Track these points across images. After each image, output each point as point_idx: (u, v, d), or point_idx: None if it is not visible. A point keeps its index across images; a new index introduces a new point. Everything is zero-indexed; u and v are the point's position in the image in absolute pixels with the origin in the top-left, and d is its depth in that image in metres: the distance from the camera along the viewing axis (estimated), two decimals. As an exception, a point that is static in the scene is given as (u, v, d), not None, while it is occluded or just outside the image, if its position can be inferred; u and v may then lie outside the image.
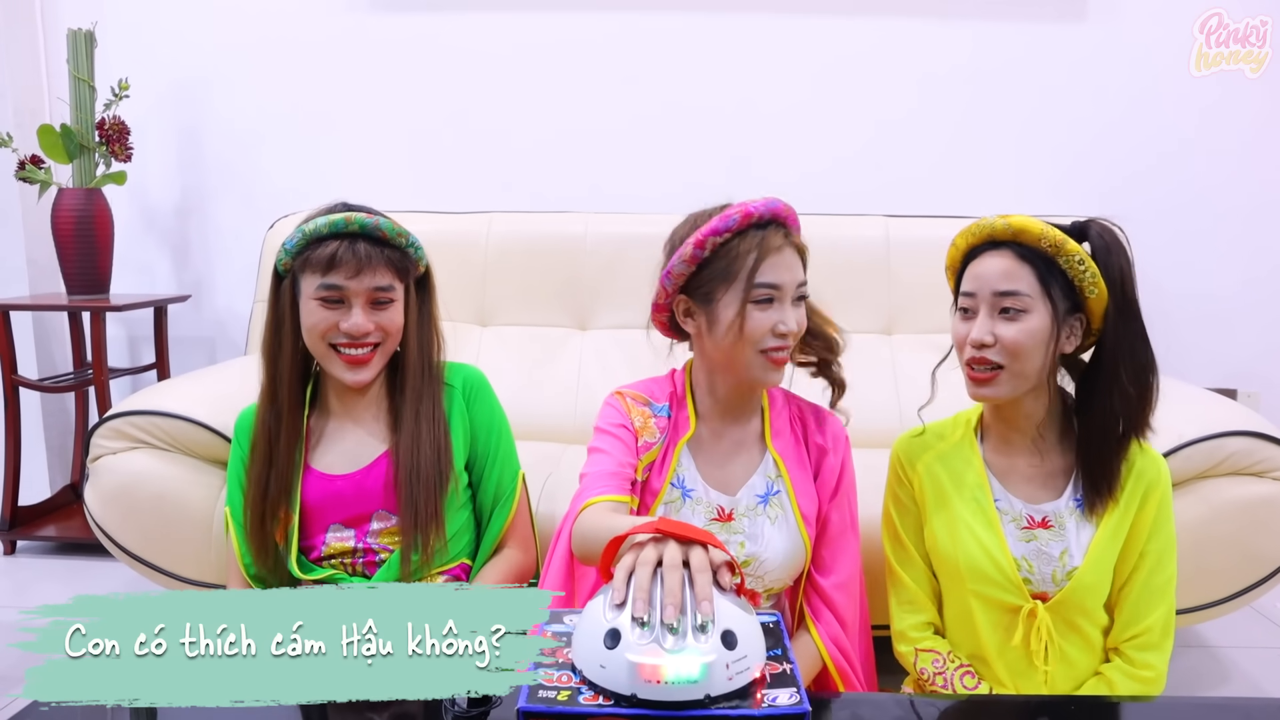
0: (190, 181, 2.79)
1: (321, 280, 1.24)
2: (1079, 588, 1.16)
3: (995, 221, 1.15)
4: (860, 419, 2.12)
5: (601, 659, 0.78)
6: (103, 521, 1.75)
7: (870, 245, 2.33)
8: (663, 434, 1.26)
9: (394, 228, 1.27)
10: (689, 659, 0.74)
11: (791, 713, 0.74)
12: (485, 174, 2.70)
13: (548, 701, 0.77)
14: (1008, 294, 1.13)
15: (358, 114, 2.71)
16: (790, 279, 1.18)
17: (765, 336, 1.17)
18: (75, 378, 2.64)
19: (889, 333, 2.32)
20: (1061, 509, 1.19)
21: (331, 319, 1.25)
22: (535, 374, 2.26)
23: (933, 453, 1.27)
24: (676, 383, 1.32)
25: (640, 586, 0.79)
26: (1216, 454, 1.62)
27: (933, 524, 1.24)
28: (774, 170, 2.63)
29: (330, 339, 1.26)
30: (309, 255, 1.24)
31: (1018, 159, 2.60)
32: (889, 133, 2.61)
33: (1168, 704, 1.00)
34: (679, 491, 1.25)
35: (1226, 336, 2.63)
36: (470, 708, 0.87)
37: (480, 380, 1.41)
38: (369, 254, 1.24)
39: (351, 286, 1.24)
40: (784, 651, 0.83)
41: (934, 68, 2.58)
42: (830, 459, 1.28)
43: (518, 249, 2.39)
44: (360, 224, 1.24)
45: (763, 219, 1.18)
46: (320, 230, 1.24)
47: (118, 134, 2.44)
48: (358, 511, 1.30)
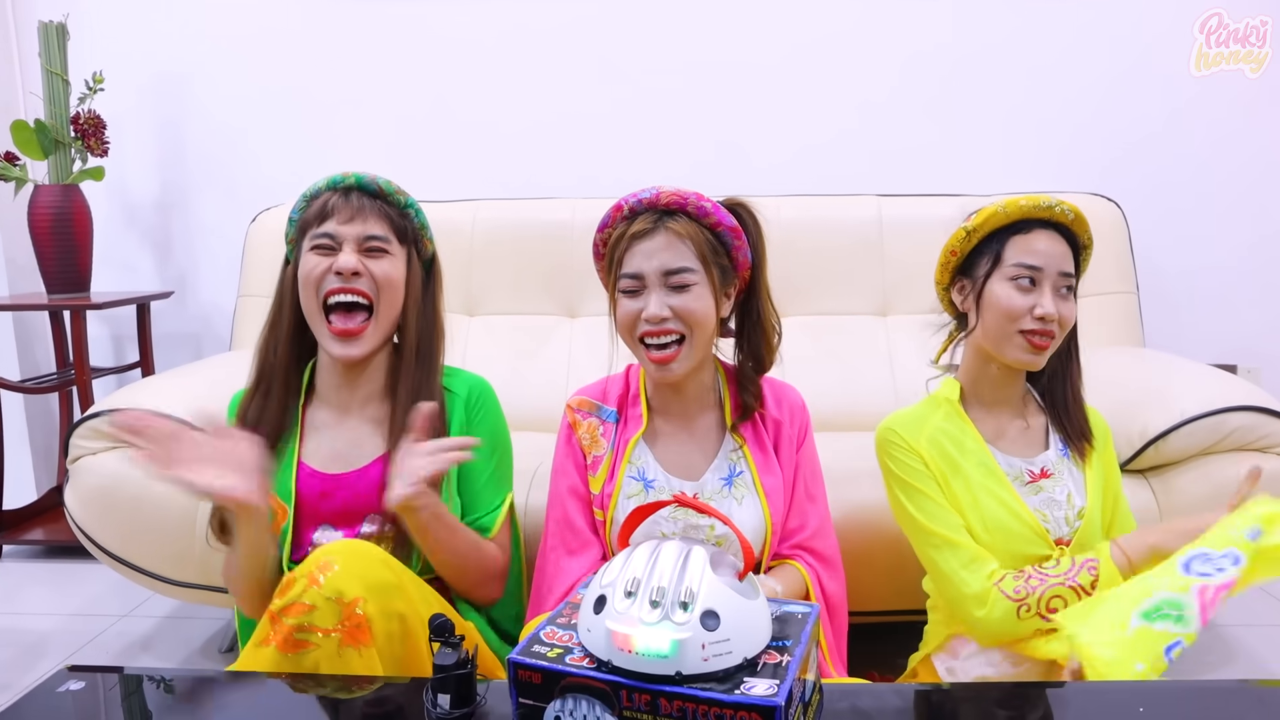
0: (171, 176, 2.74)
1: (315, 230, 1.23)
2: (1090, 524, 1.22)
3: (1063, 203, 1.22)
4: (855, 401, 2.14)
5: (589, 623, 0.79)
6: (83, 523, 1.71)
7: (863, 225, 2.29)
8: (609, 442, 1.28)
9: (391, 184, 1.27)
10: (661, 633, 0.74)
11: (761, 703, 0.71)
12: (470, 161, 2.66)
13: (536, 656, 0.79)
14: (1067, 275, 1.22)
15: (340, 103, 2.66)
16: (651, 267, 1.17)
17: (636, 324, 1.19)
18: (58, 378, 2.60)
19: (883, 314, 2.28)
20: (1052, 458, 1.27)
21: (323, 265, 1.21)
22: (524, 363, 2.23)
23: (930, 425, 1.26)
24: (631, 381, 1.33)
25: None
26: (1219, 430, 1.59)
27: (951, 491, 1.24)
28: (762, 151, 2.59)
29: (324, 286, 1.21)
30: (307, 215, 1.25)
31: (1012, 137, 2.56)
32: (879, 111, 2.57)
33: (1176, 688, 0.97)
34: (640, 484, 1.25)
35: (1225, 313, 2.60)
36: (452, 709, 0.84)
37: (486, 392, 1.34)
38: (362, 202, 1.24)
39: (343, 231, 1.22)
40: (793, 643, 0.80)
41: (922, 45, 2.53)
42: (787, 429, 1.29)
43: (504, 237, 2.35)
44: (356, 178, 1.26)
45: (634, 210, 1.21)
46: (319, 188, 1.26)
47: (94, 128, 2.39)
48: (349, 512, 1.25)
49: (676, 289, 1.17)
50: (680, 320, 1.17)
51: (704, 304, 1.18)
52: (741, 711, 0.71)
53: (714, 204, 1.20)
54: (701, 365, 1.26)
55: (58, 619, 2.09)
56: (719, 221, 1.20)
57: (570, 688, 0.76)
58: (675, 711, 0.73)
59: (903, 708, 0.91)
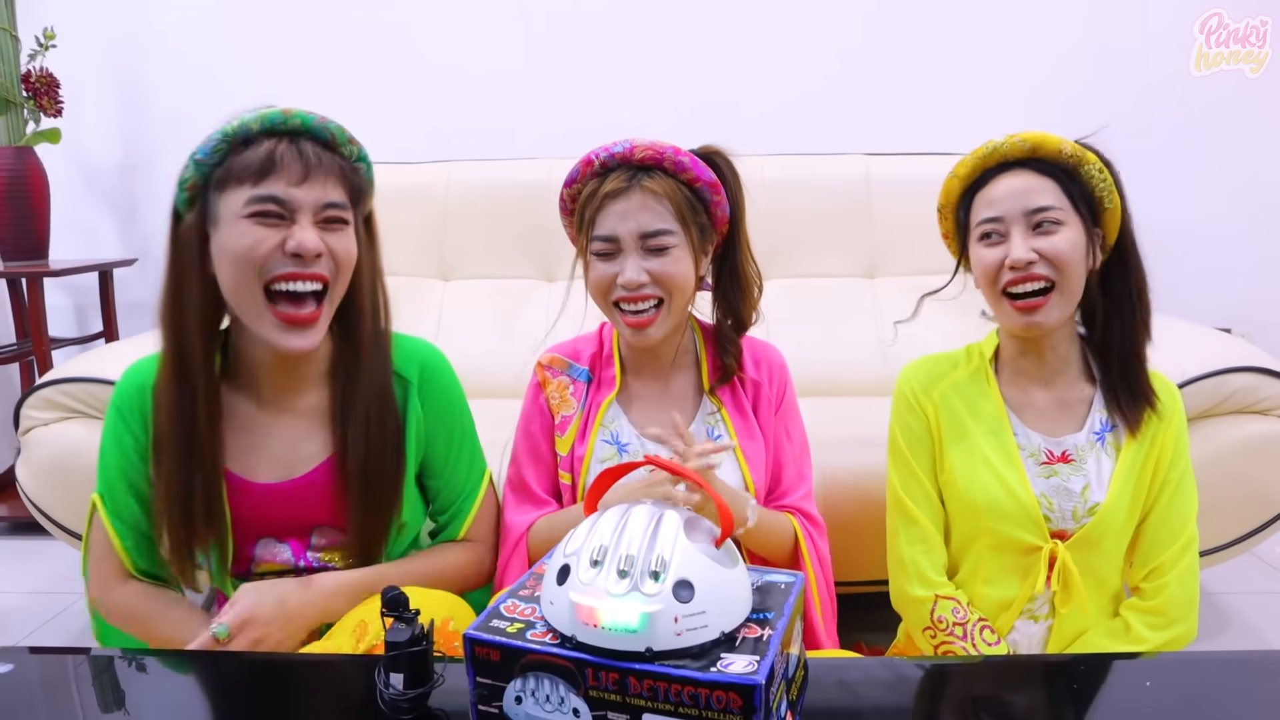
0: (133, 137, 2.64)
1: (254, 191, 0.94)
2: (1100, 524, 1.09)
3: (1006, 141, 1.08)
4: (841, 367, 2.08)
5: (552, 595, 0.71)
6: (35, 496, 1.64)
7: (850, 185, 2.22)
8: (580, 402, 1.20)
9: (345, 134, 1.03)
10: (629, 606, 0.66)
11: (740, 682, 0.64)
12: (442, 122, 2.56)
13: (495, 631, 0.71)
14: (1040, 209, 1.06)
15: (309, 59, 2.56)
16: (627, 229, 1.09)
17: (611, 289, 1.12)
18: (17, 349, 2.50)
19: (871, 276, 2.21)
20: (1082, 442, 1.12)
21: (272, 239, 0.95)
22: (502, 328, 2.16)
23: (947, 381, 1.18)
24: (604, 340, 1.26)
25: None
26: (1219, 391, 1.54)
27: (949, 457, 1.15)
28: (745, 106, 2.50)
29: (270, 270, 0.96)
30: (231, 164, 0.95)
31: (1002, 92, 2.48)
32: (866, 66, 2.48)
33: (1170, 661, 0.92)
34: (614, 448, 1.19)
35: (1219, 277, 2.55)
36: (406, 689, 0.77)
37: (435, 364, 1.14)
38: (318, 156, 0.97)
39: (297, 197, 0.95)
40: (775, 615, 0.73)
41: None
42: (766, 391, 1.22)
43: (479, 199, 2.27)
44: (303, 120, 0.98)
45: (606, 166, 1.12)
46: (249, 128, 0.96)
47: (46, 87, 2.28)
48: (294, 524, 1.08)
49: (654, 252, 1.10)
50: (658, 285, 1.11)
51: (683, 267, 1.12)
52: (718, 691, 0.64)
53: (692, 157, 1.13)
54: (678, 326, 1.19)
55: (17, 597, 2.02)
56: (697, 177, 1.13)
57: (531, 666, 0.69)
58: (645, 691, 0.66)
59: (894, 682, 0.85)
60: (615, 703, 0.67)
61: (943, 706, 0.84)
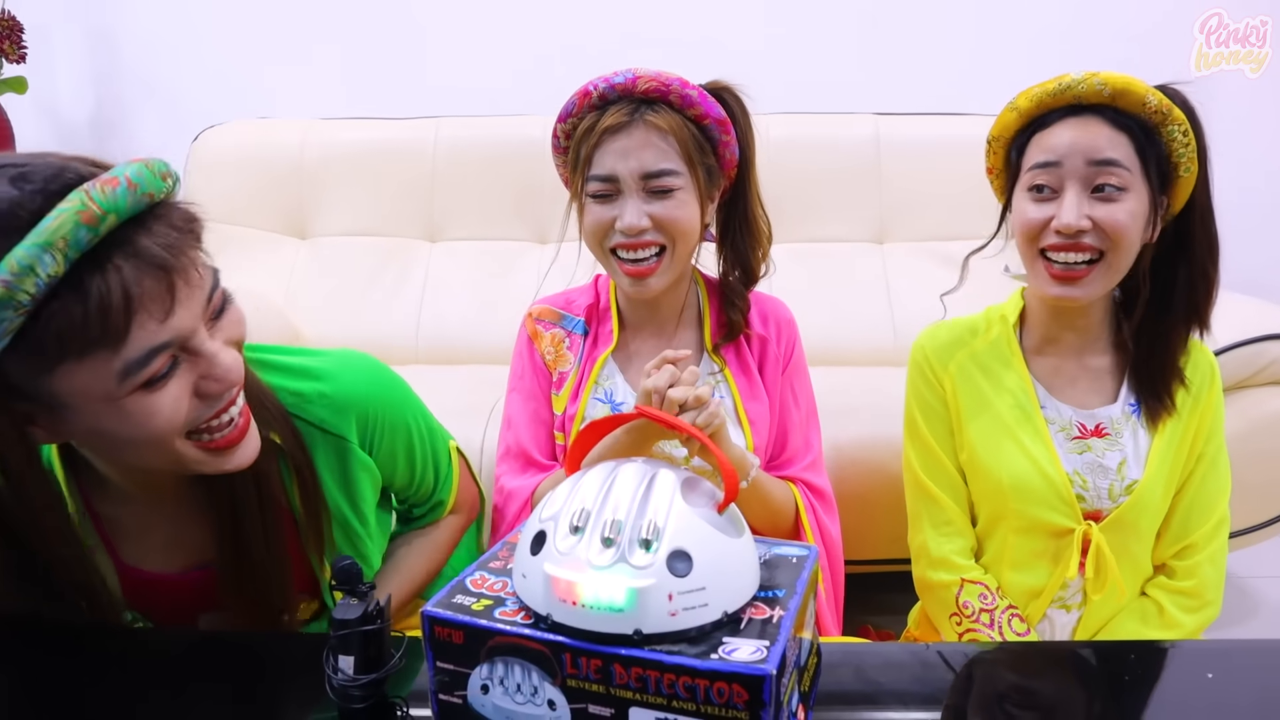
0: (106, 92, 2.54)
1: (124, 361, 0.65)
2: (1138, 504, 0.98)
3: (1085, 78, 0.93)
4: (849, 334, 1.97)
5: (525, 566, 0.61)
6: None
7: (859, 146, 2.10)
8: (577, 356, 1.12)
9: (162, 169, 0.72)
10: (614, 580, 0.56)
11: (746, 672, 0.53)
12: (429, 76, 2.44)
13: (458, 608, 0.61)
14: (1107, 164, 0.92)
15: (290, 12, 2.43)
16: (628, 168, 0.99)
17: (608, 234, 1.02)
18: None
19: (880, 241, 2.10)
20: (1116, 414, 1.02)
21: (189, 404, 0.70)
22: (491, 291, 2.06)
23: (966, 351, 1.07)
24: (600, 292, 1.16)
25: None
26: (1256, 361, 1.45)
27: (968, 434, 1.04)
28: (749, 59, 2.35)
29: (195, 421, 0.71)
30: (51, 332, 0.62)
31: (1021, 50, 2.37)
32: (877, 22, 2.36)
33: (1200, 649, 0.83)
34: (607, 407, 1.10)
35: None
36: (358, 674, 0.67)
37: (371, 401, 0.90)
38: (168, 252, 0.66)
39: (183, 329, 0.68)
40: (787, 593, 0.62)
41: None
42: (773, 348, 1.12)
43: (469, 157, 2.16)
44: (116, 208, 0.64)
45: (605, 98, 1.02)
46: (42, 275, 0.60)
47: (8, 30, 2.16)
48: (181, 609, 0.88)
49: (657, 194, 1.00)
50: (661, 231, 1.01)
51: (688, 211, 1.02)
52: (720, 682, 0.54)
53: (700, 91, 1.03)
54: (681, 278, 1.09)
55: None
56: (705, 113, 1.02)
57: (499, 649, 0.59)
58: (633, 681, 0.55)
59: (918, 671, 0.74)
60: (597, 694, 0.57)
61: (980, 699, 0.73)
